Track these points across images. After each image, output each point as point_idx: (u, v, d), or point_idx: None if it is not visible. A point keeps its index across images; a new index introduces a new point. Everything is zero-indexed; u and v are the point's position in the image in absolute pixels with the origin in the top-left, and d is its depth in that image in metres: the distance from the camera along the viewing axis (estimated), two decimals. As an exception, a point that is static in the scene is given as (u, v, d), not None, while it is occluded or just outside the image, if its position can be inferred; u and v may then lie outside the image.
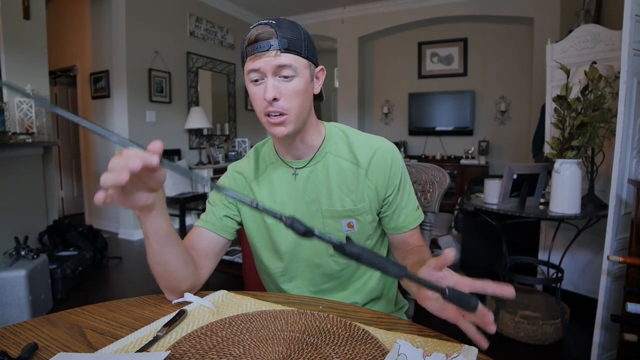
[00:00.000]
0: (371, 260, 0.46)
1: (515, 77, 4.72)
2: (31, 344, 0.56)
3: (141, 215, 0.62)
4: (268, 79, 0.70)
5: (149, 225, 0.64)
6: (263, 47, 0.68)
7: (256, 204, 0.46)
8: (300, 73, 0.71)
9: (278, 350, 0.55)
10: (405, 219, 0.85)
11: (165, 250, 0.68)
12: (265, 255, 0.88)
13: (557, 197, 1.68)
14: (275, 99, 0.70)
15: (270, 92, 0.69)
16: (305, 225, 0.46)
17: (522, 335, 1.86)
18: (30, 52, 2.84)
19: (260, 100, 0.71)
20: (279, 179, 0.84)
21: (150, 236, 0.66)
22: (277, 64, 0.69)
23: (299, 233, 0.46)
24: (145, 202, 0.59)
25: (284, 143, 0.81)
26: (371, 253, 0.46)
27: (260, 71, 0.69)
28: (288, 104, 0.71)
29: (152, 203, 0.60)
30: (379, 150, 0.82)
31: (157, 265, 0.70)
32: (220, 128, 5.07)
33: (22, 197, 2.70)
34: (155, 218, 0.64)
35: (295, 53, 0.70)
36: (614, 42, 1.99)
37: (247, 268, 1.99)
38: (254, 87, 0.72)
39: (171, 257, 0.70)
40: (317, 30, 5.47)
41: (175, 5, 4.28)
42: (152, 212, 0.62)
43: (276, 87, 0.70)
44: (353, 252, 0.45)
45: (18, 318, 1.96)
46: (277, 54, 0.68)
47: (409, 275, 0.46)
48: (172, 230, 0.68)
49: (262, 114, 0.73)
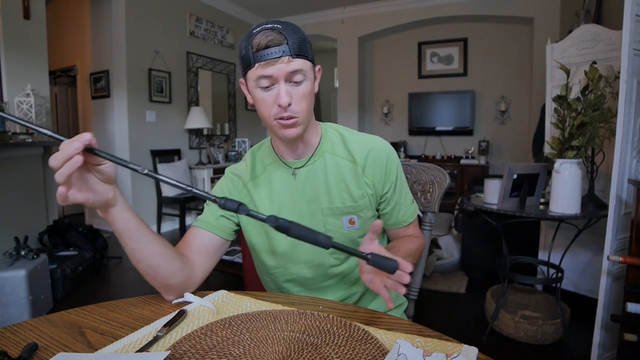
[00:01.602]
0: (299, 232, 0.52)
1: (515, 77, 4.72)
2: (31, 344, 0.56)
3: (107, 214, 0.63)
4: (280, 84, 0.70)
5: (117, 222, 0.64)
6: (275, 53, 0.68)
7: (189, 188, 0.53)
8: (308, 76, 0.72)
9: (278, 350, 0.55)
10: (405, 214, 0.88)
11: (142, 246, 0.68)
12: (265, 255, 0.89)
13: (557, 197, 1.68)
14: (289, 104, 0.71)
15: (285, 98, 0.69)
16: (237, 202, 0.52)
17: (522, 335, 1.86)
18: (30, 52, 2.84)
19: (270, 105, 0.72)
20: (278, 179, 0.85)
21: (122, 234, 0.66)
22: (290, 70, 0.69)
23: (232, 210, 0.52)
24: (106, 197, 0.60)
25: (288, 143, 0.81)
26: (299, 226, 0.52)
27: (273, 77, 0.70)
28: (299, 107, 0.72)
29: (113, 197, 0.62)
30: (374, 148, 0.84)
31: (140, 264, 0.70)
32: (220, 128, 5.07)
33: (22, 197, 2.70)
34: (121, 213, 0.64)
35: (304, 57, 0.71)
36: (614, 42, 1.99)
37: (247, 268, 1.99)
38: (262, 92, 0.72)
39: (150, 252, 0.69)
40: (317, 30, 5.47)
41: (175, 5, 4.28)
42: (116, 207, 0.63)
43: (289, 93, 0.70)
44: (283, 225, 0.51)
45: (18, 318, 1.96)
46: (289, 60, 0.69)
47: (334, 244, 0.52)
48: (143, 224, 0.68)
49: (271, 119, 0.73)
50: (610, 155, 1.55)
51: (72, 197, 0.55)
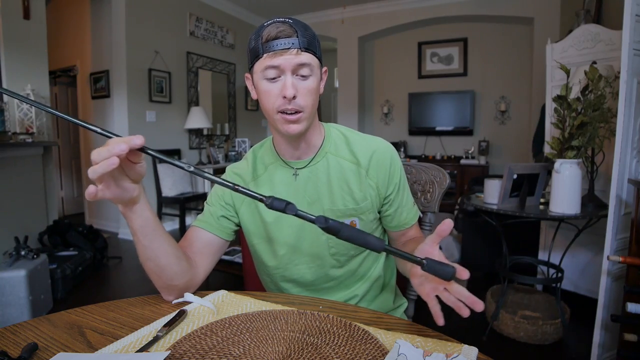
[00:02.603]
0: (350, 234, 0.49)
1: (515, 77, 4.72)
2: (31, 344, 0.56)
3: (127, 210, 0.63)
4: (287, 76, 0.70)
5: (135, 219, 0.64)
6: (284, 44, 0.68)
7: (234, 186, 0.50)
8: (314, 72, 0.73)
9: (278, 350, 0.55)
10: (407, 216, 0.88)
11: (155, 245, 0.68)
12: (265, 256, 0.88)
13: (557, 197, 1.68)
14: (294, 97, 0.70)
15: (290, 90, 0.69)
16: (285, 201, 0.49)
17: (522, 335, 1.86)
18: (30, 52, 2.84)
19: (275, 97, 0.71)
20: (279, 179, 0.84)
21: (138, 231, 0.66)
22: (298, 62, 0.69)
23: (280, 210, 0.49)
24: (131, 194, 0.60)
25: (290, 142, 0.81)
26: (349, 228, 0.49)
27: (280, 68, 0.70)
28: (304, 102, 0.72)
29: (137, 195, 0.62)
30: (377, 149, 0.83)
31: (148, 262, 0.70)
32: (220, 128, 5.07)
33: (22, 197, 2.70)
34: (141, 211, 0.64)
35: (312, 53, 0.72)
36: (614, 42, 1.99)
37: (247, 268, 1.98)
38: (268, 84, 0.71)
39: (161, 252, 0.70)
40: (317, 30, 5.45)
41: (175, 5, 4.27)
42: (138, 205, 0.63)
43: (294, 85, 0.70)
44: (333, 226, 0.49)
45: (18, 318, 1.96)
46: (298, 53, 0.69)
47: (387, 248, 0.49)
48: (159, 223, 0.69)
49: (275, 111, 0.73)
50: (610, 155, 1.55)
51: (101, 194, 0.55)
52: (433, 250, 0.59)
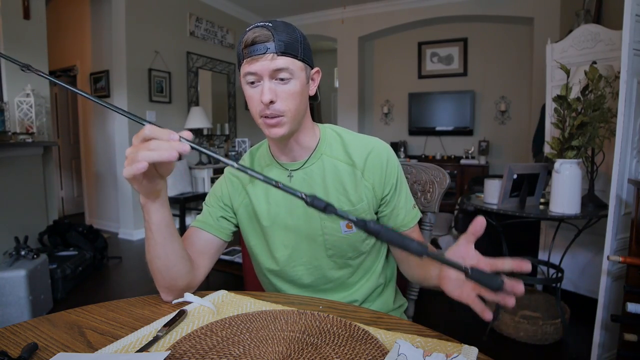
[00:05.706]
0: (389, 236, 0.47)
1: (515, 77, 4.72)
2: (31, 344, 0.56)
3: (149, 203, 0.64)
4: (264, 81, 0.70)
5: (154, 214, 0.65)
6: (259, 50, 0.69)
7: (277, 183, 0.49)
8: (296, 75, 0.72)
9: (278, 350, 0.55)
10: (404, 218, 0.86)
11: (167, 242, 0.69)
12: (263, 257, 0.88)
13: (557, 197, 1.68)
14: (271, 102, 0.70)
15: (266, 95, 0.69)
16: (325, 202, 0.48)
17: (522, 335, 1.86)
18: (30, 52, 2.84)
19: (256, 102, 0.72)
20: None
21: (153, 226, 0.66)
22: (274, 68, 0.69)
23: (320, 209, 0.48)
24: (158, 187, 0.63)
25: (279, 144, 0.81)
26: (389, 230, 0.47)
27: (257, 74, 0.70)
28: (284, 106, 0.72)
29: (161, 189, 0.64)
30: (373, 150, 0.83)
31: (156, 260, 0.70)
32: (220, 128, 5.07)
33: (22, 197, 2.70)
34: (161, 206, 0.66)
35: (291, 56, 0.71)
36: (614, 42, 1.99)
37: (247, 268, 1.98)
38: (250, 89, 0.73)
39: (172, 250, 0.70)
40: (317, 30, 5.47)
41: (175, 5, 4.27)
42: (159, 199, 0.65)
43: (272, 90, 0.70)
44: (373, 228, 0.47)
45: (18, 318, 1.96)
46: (273, 57, 0.69)
47: (429, 253, 0.46)
48: (173, 223, 0.70)
49: (257, 116, 0.74)
50: (610, 155, 1.55)
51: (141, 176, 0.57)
52: (468, 251, 0.57)
